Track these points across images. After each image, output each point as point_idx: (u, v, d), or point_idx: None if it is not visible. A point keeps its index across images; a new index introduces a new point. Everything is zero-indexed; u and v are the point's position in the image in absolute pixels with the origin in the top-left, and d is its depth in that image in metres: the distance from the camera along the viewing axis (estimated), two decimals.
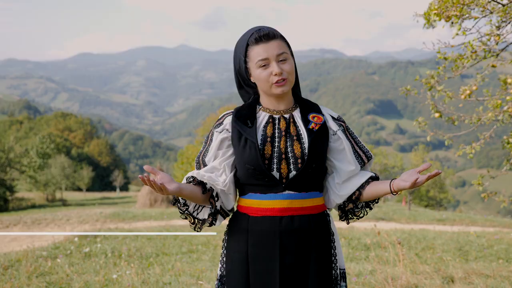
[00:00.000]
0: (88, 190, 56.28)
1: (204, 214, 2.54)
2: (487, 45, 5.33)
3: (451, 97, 6.20)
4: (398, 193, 2.45)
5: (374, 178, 2.57)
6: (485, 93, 6.23)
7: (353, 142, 2.58)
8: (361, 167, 2.59)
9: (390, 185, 2.42)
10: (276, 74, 2.41)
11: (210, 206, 2.51)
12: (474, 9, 5.03)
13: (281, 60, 2.43)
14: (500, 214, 48.16)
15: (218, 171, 2.53)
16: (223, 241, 2.64)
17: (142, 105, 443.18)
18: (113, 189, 65.90)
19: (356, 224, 13.63)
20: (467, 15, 5.01)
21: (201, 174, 2.51)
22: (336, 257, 2.56)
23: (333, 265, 2.54)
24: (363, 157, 2.59)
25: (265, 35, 2.42)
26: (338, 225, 12.80)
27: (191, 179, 2.48)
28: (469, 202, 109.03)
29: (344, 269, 2.61)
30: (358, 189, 2.54)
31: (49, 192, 44.36)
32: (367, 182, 2.54)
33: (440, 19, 5.30)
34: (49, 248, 9.15)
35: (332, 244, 2.56)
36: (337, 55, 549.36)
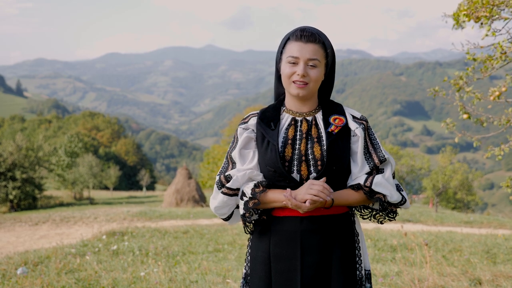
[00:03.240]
0: (115, 189, 56.71)
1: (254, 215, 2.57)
2: None
3: (479, 99, 6.16)
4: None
5: (359, 187, 2.53)
6: None
7: (369, 143, 2.57)
8: (372, 168, 2.55)
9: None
10: (298, 75, 2.45)
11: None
12: (503, 9, 4.99)
13: (310, 65, 2.46)
14: None
15: (258, 170, 2.57)
16: (248, 240, 2.68)
17: (169, 105, 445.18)
18: (139, 188, 66.32)
19: (383, 226, 13.57)
20: (497, 16, 4.97)
21: (260, 178, 2.53)
22: (361, 258, 2.58)
23: (358, 265, 2.55)
24: (374, 157, 2.55)
25: (306, 36, 2.46)
26: (363, 226, 12.76)
27: (259, 185, 2.50)
28: (497, 204, 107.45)
29: (369, 270, 2.62)
30: None
31: (77, 190, 44.79)
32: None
33: (469, 20, 5.27)
34: (78, 246, 9.28)
35: (356, 245, 2.57)
36: (364, 56, 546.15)
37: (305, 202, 2.36)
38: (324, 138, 2.50)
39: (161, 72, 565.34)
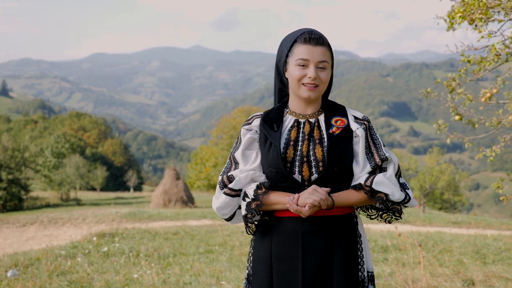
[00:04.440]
0: (102, 189, 56.42)
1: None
2: (510, 48, 5.30)
3: (471, 100, 6.19)
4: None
5: (360, 187, 2.53)
6: (505, 96, 6.21)
7: (370, 143, 2.57)
8: (373, 167, 2.55)
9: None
10: (310, 77, 2.46)
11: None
12: (498, 12, 5.01)
13: (320, 67, 2.48)
14: None
15: (261, 171, 2.58)
16: (251, 240, 2.69)
17: (156, 105, 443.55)
18: (126, 189, 66.00)
19: (372, 226, 13.61)
20: (492, 18, 5.00)
21: (262, 179, 2.54)
22: (363, 259, 2.58)
23: (360, 267, 2.56)
24: (375, 156, 2.55)
25: (315, 38, 2.48)
26: None
27: (261, 186, 2.51)
28: (483, 205, 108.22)
29: (372, 271, 2.63)
30: None
31: (64, 191, 44.50)
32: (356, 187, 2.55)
33: (462, 22, 5.29)
34: (68, 247, 9.22)
35: (358, 246, 2.58)
36: (351, 57, 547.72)
37: (305, 206, 2.37)
38: (325, 139, 2.51)
39: (148, 72, 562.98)
